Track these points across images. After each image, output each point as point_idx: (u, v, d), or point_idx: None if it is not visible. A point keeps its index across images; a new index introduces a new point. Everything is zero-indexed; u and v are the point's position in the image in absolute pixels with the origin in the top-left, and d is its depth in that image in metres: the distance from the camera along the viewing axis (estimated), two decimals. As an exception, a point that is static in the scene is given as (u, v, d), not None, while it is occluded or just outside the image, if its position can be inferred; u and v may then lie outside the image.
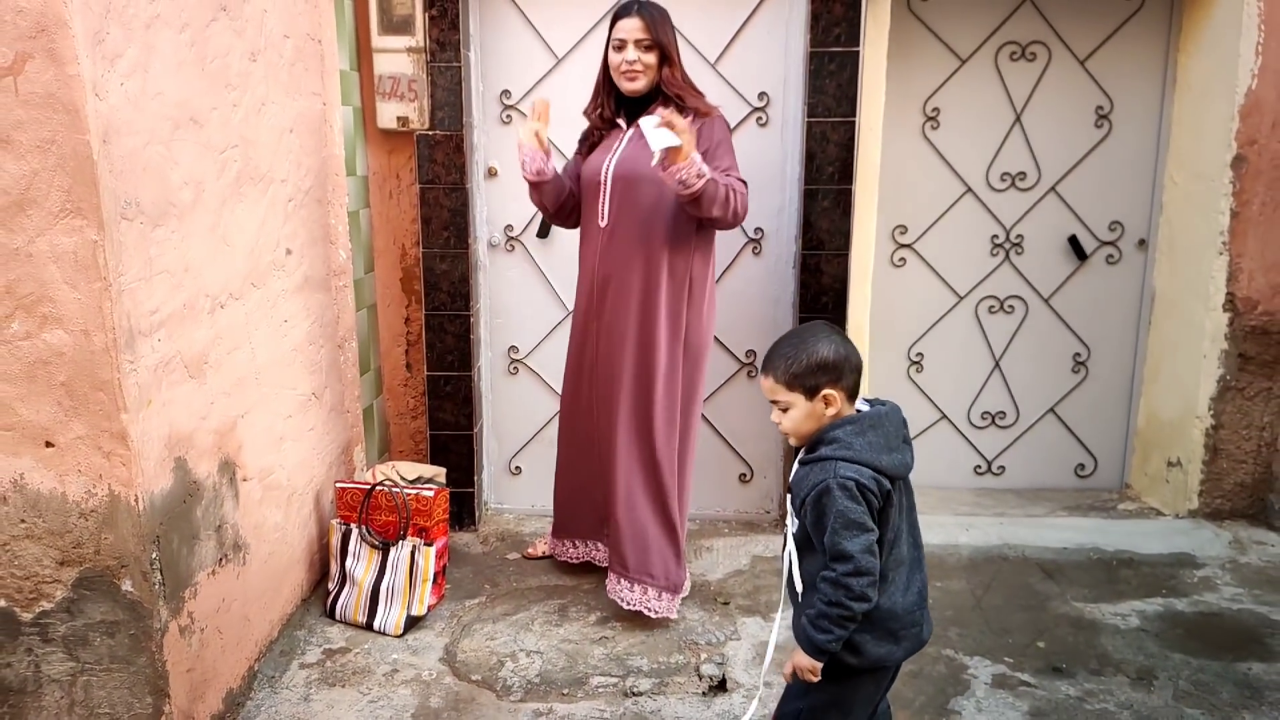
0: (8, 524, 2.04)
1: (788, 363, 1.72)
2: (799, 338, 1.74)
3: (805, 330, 1.77)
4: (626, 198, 2.68)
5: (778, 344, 1.76)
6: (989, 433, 3.73)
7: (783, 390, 1.73)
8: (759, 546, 3.31)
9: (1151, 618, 2.79)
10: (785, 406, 1.73)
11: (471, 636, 2.75)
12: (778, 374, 1.73)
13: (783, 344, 1.75)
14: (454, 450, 3.40)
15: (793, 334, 1.78)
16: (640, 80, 2.66)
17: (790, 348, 1.73)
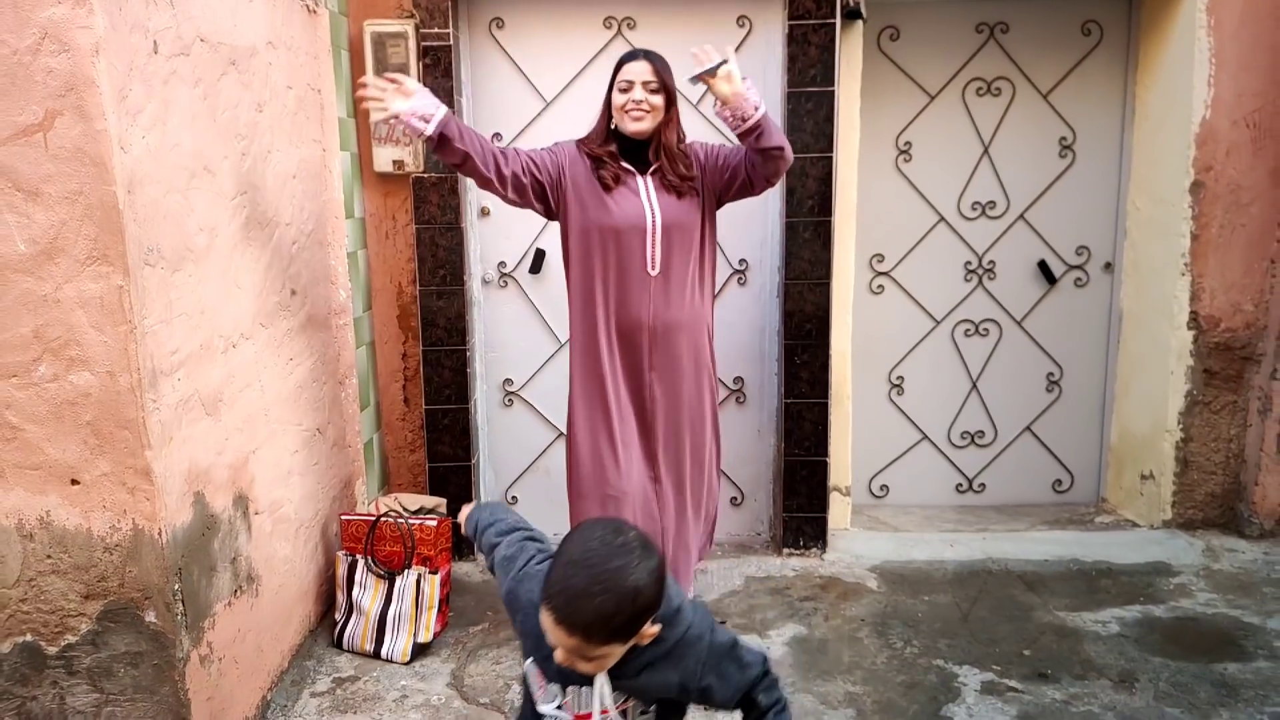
0: (34, 560, 2.11)
1: (604, 620, 1.36)
2: (601, 581, 1.36)
3: (600, 564, 1.37)
4: (675, 245, 2.73)
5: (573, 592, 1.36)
6: (969, 451, 3.86)
7: (596, 648, 1.38)
8: (751, 567, 3.41)
9: (1131, 624, 2.91)
10: (600, 654, 1.40)
11: (477, 661, 2.83)
12: (592, 634, 1.37)
13: (584, 592, 1.36)
14: (452, 481, 3.48)
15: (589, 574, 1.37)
16: (645, 121, 2.68)
17: (594, 594, 1.35)
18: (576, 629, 1.35)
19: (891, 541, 3.55)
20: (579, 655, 1.39)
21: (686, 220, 2.74)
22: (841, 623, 3.01)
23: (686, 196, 2.74)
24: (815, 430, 3.41)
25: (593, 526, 1.44)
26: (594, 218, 2.72)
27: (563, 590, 1.36)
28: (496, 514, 1.85)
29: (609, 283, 2.76)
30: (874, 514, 3.79)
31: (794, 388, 3.39)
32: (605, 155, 2.73)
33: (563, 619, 1.35)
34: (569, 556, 1.39)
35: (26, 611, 2.13)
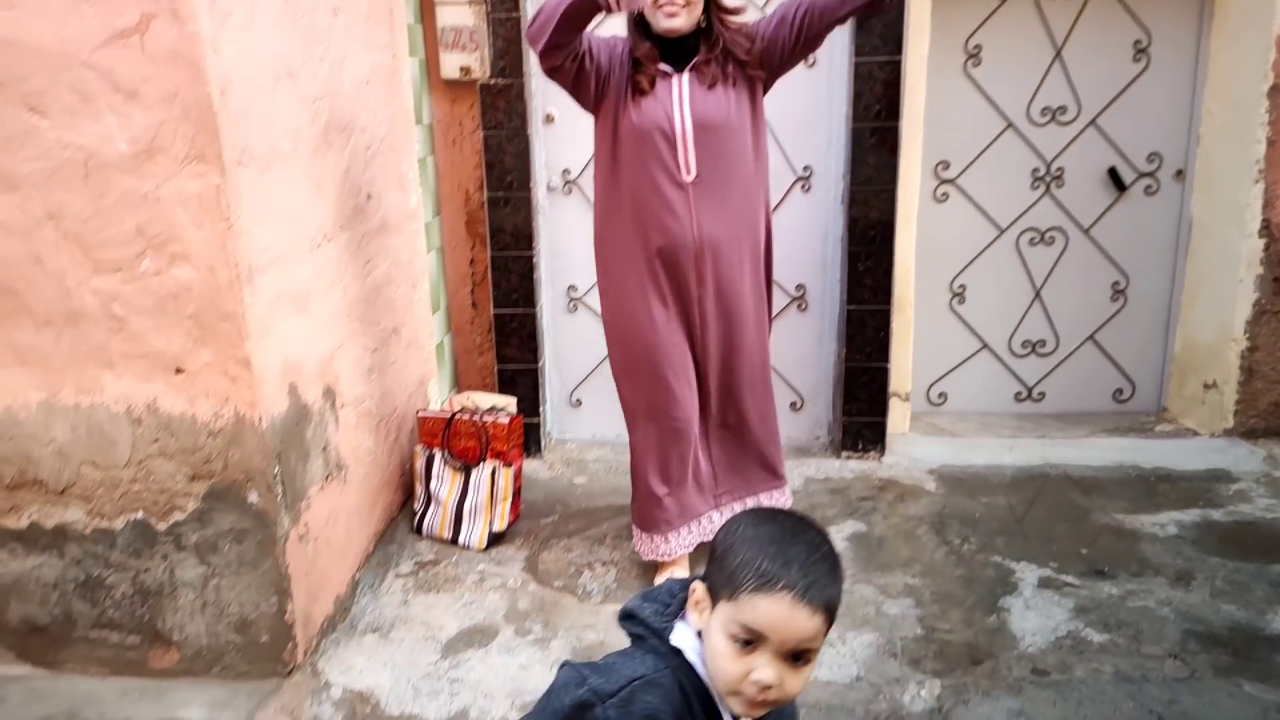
0: (143, 444, 2.26)
1: (837, 588, 1.16)
2: (811, 543, 1.16)
3: (798, 528, 1.18)
4: (711, 148, 2.47)
5: (797, 560, 1.13)
6: (1029, 360, 3.87)
7: (821, 636, 1.15)
8: (810, 469, 3.50)
9: (1189, 526, 2.96)
10: (810, 657, 1.15)
11: (549, 550, 2.98)
12: (833, 605, 1.15)
13: (808, 559, 1.14)
14: (520, 383, 3.60)
15: (798, 538, 1.16)
16: (680, 18, 2.41)
17: (823, 561, 1.15)
18: (820, 600, 1.12)
19: (949, 446, 3.61)
20: (806, 648, 1.13)
21: (728, 118, 2.48)
22: (900, 521, 3.10)
23: (731, 90, 2.49)
24: (877, 337, 3.45)
25: (748, 515, 1.22)
26: (626, 121, 2.49)
27: (784, 563, 1.12)
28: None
29: (637, 191, 2.51)
30: (932, 420, 3.84)
31: (856, 294, 3.42)
32: (642, 56, 2.48)
33: (804, 594, 1.10)
34: (757, 539, 1.15)
35: (137, 491, 2.29)
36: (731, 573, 1.15)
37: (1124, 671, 2.29)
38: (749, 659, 1.13)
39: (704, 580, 1.21)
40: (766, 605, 1.11)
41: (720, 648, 1.15)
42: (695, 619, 1.21)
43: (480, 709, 2.28)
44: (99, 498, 2.30)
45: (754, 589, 1.12)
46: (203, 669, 2.40)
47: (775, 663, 1.13)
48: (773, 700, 1.14)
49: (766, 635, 1.12)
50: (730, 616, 1.14)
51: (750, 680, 1.13)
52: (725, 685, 1.16)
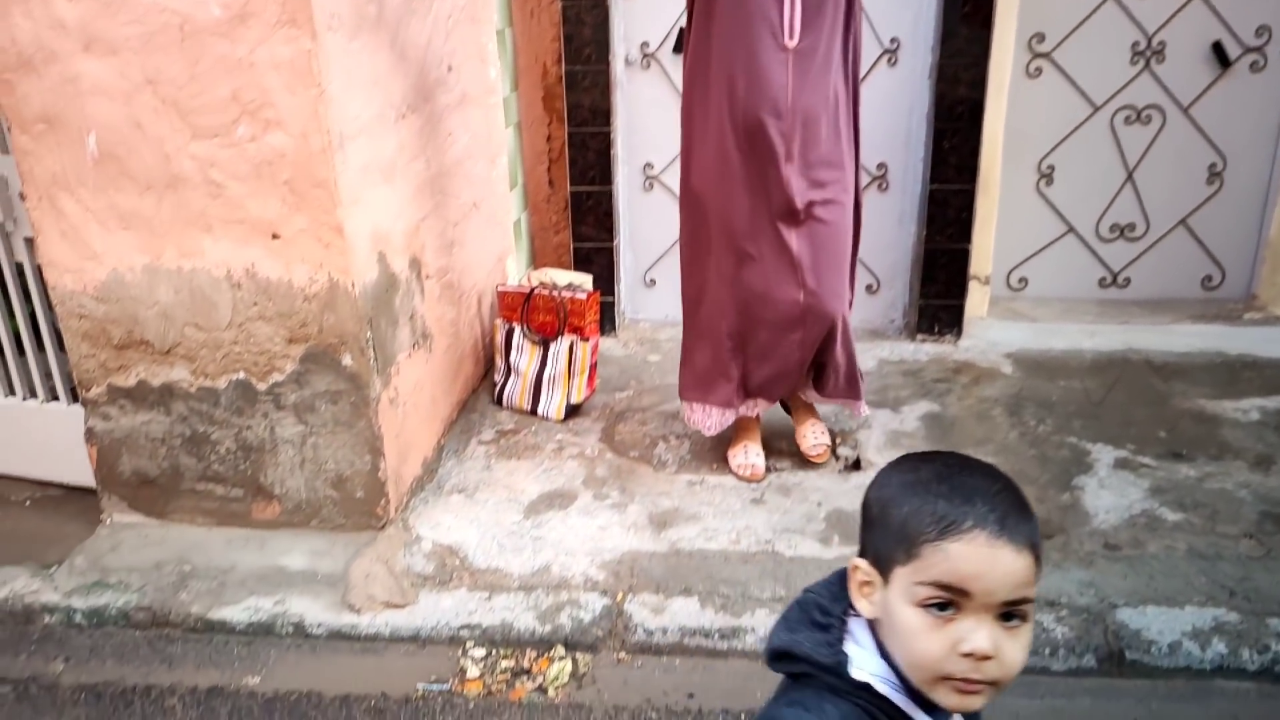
0: (243, 307, 2.36)
1: (1034, 522, 0.95)
2: (987, 474, 0.98)
3: (964, 461, 1.00)
4: (815, 11, 2.33)
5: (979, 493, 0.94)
6: (1116, 245, 3.77)
7: (1034, 583, 0.94)
8: (885, 351, 3.50)
9: (1272, 413, 2.92)
10: (1026, 615, 0.94)
11: (625, 422, 3.06)
12: (1036, 541, 0.94)
13: (990, 490, 0.95)
14: (595, 262, 3.63)
15: (969, 471, 0.98)
16: None
17: (1008, 491, 0.96)
18: (1021, 534, 0.92)
19: (1028, 330, 3.57)
20: (1019, 600, 0.92)
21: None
22: (974, 402, 3.10)
23: None
24: (959, 218, 3.39)
25: (895, 463, 1.04)
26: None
27: (964, 498, 0.93)
28: None
29: (737, 59, 2.35)
30: (1011, 305, 3.79)
31: (940, 173, 3.35)
32: None
33: (1000, 528, 0.91)
34: (919, 482, 0.97)
35: (238, 352, 2.41)
36: (901, 528, 0.94)
37: (1197, 549, 2.31)
38: (951, 629, 0.91)
39: (862, 555, 1.01)
40: (959, 551, 0.90)
41: (910, 623, 0.93)
42: (865, 606, 0.99)
43: (561, 565, 2.39)
44: (202, 358, 2.42)
45: (937, 536, 0.91)
46: (302, 521, 2.55)
47: (986, 624, 0.90)
48: (992, 678, 0.91)
49: (968, 589, 0.90)
50: (914, 580, 0.93)
51: (959, 654, 0.90)
52: (927, 670, 0.92)
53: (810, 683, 1.02)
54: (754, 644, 2.17)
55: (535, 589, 2.33)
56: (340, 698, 2.07)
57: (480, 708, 2.04)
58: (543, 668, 2.15)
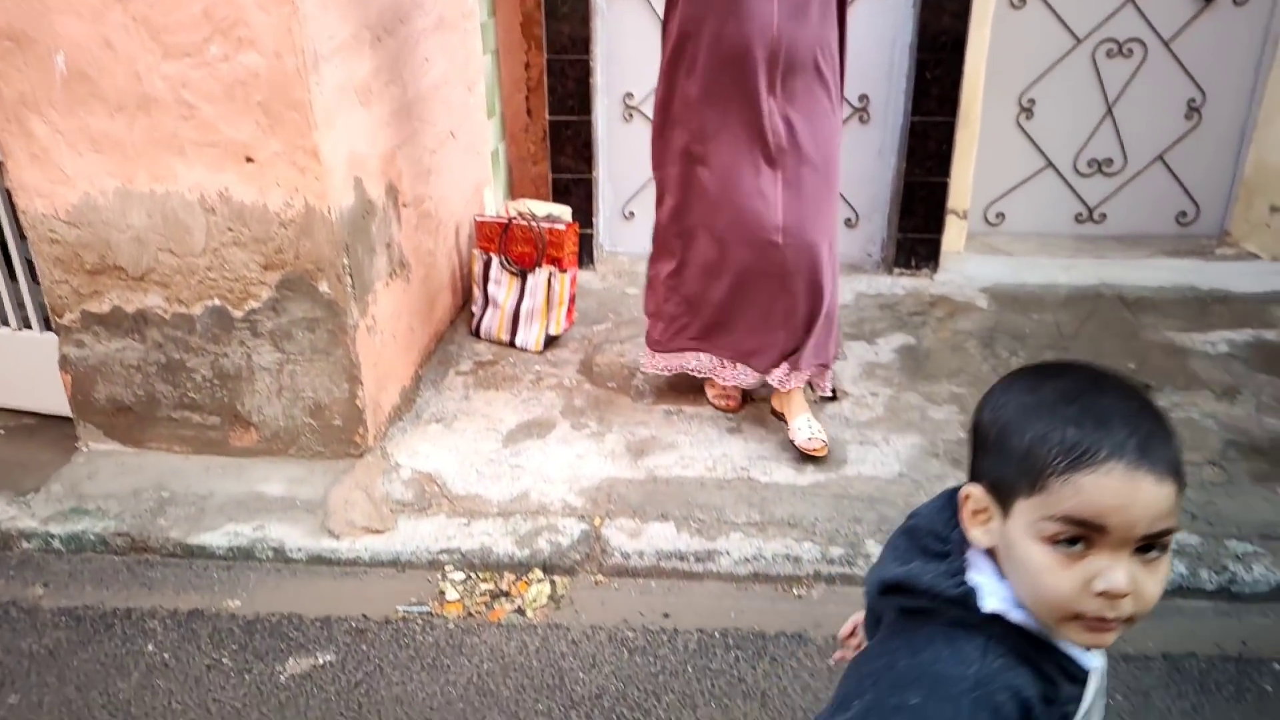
0: (217, 232, 2.33)
1: (1175, 443, 0.83)
2: (1122, 392, 0.85)
3: (1096, 377, 0.87)
4: None
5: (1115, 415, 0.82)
6: (1094, 180, 3.79)
7: (1177, 511, 0.83)
8: (862, 285, 3.52)
9: (1240, 346, 2.97)
10: (1167, 545, 0.84)
11: (603, 353, 3.07)
12: (1179, 466, 0.83)
13: (1128, 411, 0.83)
14: (574, 194, 3.60)
15: (1103, 389, 0.85)
16: None
17: (1146, 410, 0.84)
18: (1163, 459, 0.80)
19: (1004, 265, 3.59)
20: (1159, 532, 0.81)
21: None
22: (949, 335, 3.13)
23: None
24: (939, 150, 3.39)
25: (1014, 377, 0.91)
26: None
27: (1097, 423, 0.81)
28: None
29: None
30: (988, 240, 3.81)
31: (922, 105, 3.33)
32: None
33: (1140, 456, 0.79)
34: (1044, 403, 0.85)
35: (213, 279, 2.38)
36: (1024, 457, 0.83)
37: (1162, 475, 2.36)
38: (1083, 566, 0.82)
39: (976, 480, 0.90)
40: (1093, 485, 0.80)
41: (1035, 560, 0.83)
42: (979, 536, 0.90)
43: (539, 491, 2.42)
44: (176, 284, 2.40)
45: (1067, 468, 0.81)
46: (280, 449, 2.56)
47: (1122, 560, 0.81)
48: (1127, 616, 0.82)
49: (1104, 525, 0.80)
50: (1041, 514, 0.83)
51: (1092, 593, 0.81)
52: (1056, 609, 0.84)
53: (930, 619, 0.91)
54: (729, 566, 2.21)
55: (514, 515, 2.35)
56: (321, 619, 2.10)
57: (460, 628, 2.07)
58: (521, 590, 2.19)
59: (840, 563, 2.21)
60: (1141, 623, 0.84)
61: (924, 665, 0.88)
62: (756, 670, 1.95)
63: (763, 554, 2.23)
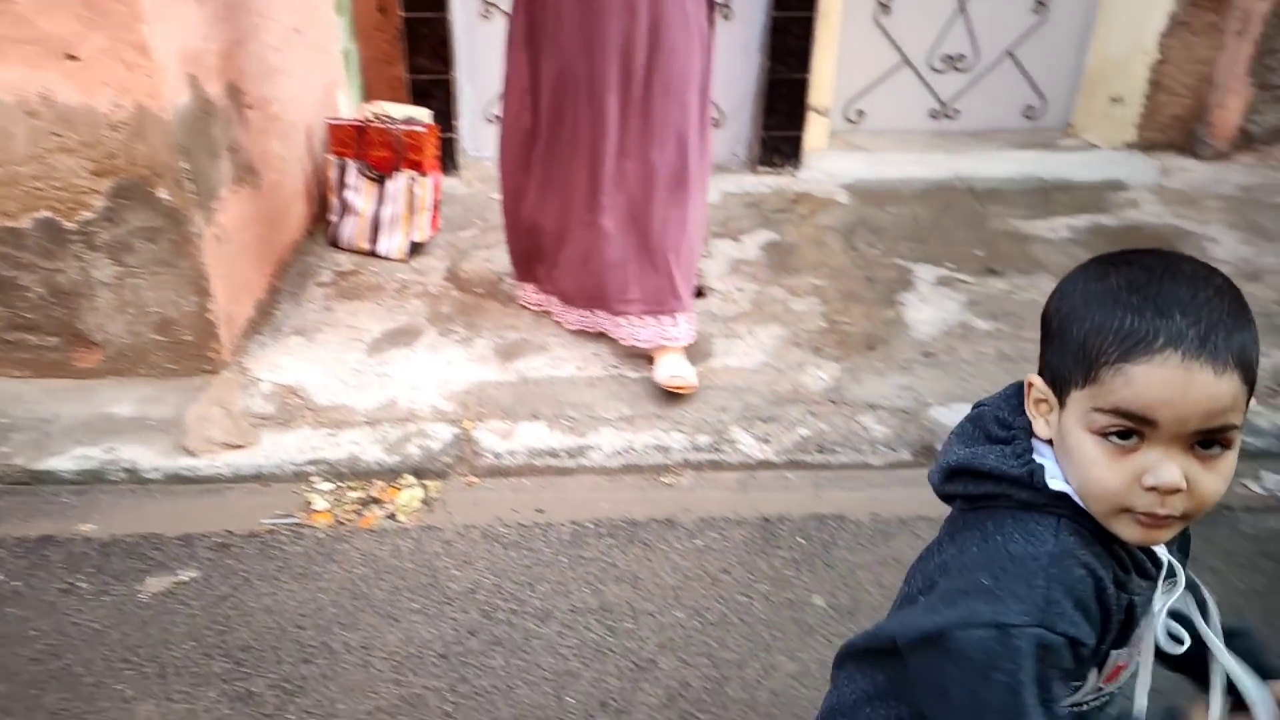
0: (40, 137, 2.17)
1: (1247, 332, 0.78)
2: (1195, 278, 0.80)
3: (1169, 263, 0.82)
4: None
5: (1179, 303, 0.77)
6: (948, 76, 3.88)
7: (1240, 407, 0.79)
8: (728, 185, 3.54)
9: (1080, 230, 3.14)
10: (1229, 441, 0.80)
11: (470, 260, 3.02)
12: (1247, 356, 0.78)
13: (1195, 299, 0.78)
14: (433, 96, 3.47)
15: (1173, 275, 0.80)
16: None
17: (1218, 297, 0.79)
18: (1227, 351, 0.76)
19: (864, 161, 3.67)
20: (1219, 427, 0.77)
21: None
22: (811, 230, 3.20)
23: None
24: (800, 47, 3.40)
25: (1086, 266, 0.87)
26: None
27: (1157, 310, 0.77)
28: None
29: None
30: (849, 138, 3.88)
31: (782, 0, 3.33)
32: None
33: (1200, 346, 0.75)
34: (1108, 291, 0.80)
35: (40, 189, 2.22)
36: (1080, 346, 0.80)
37: (1004, 352, 2.51)
38: (1133, 459, 0.79)
39: (1041, 373, 0.88)
40: (1144, 375, 0.76)
41: (1087, 452, 0.81)
42: (1040, 426, 0.88)
43: (408, 399, 2.39)
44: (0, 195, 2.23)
45: (1120, 357, 0.77)
46: (128, 368, 2.44)
47: (1175, 455, 0.78)
48: (1181, 514, 0.79)
49: (1154, 418, 0.77)
50: (1092, 405, 0.80)
51: (1142, 488, 0.78)
52: (1106, 503, 0.81)
53: (996, 505, 0.89)
54: (601, 460, 2.25)
55: (381, 423, 2.32)
56: (181, 538, 2.05)
57: (330, 536, 2.05)
58: (392, 496, 2.17)
59: (708, 449, 2.27)
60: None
61: (996, 548, 0.86)
62: (628, 555, 2.01)
63: (633, 446, 2.27)
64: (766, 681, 1.73)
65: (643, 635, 1.82)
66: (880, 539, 2.04)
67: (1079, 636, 0.82)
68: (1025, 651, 0.81)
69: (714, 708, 1.68)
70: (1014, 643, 0.81)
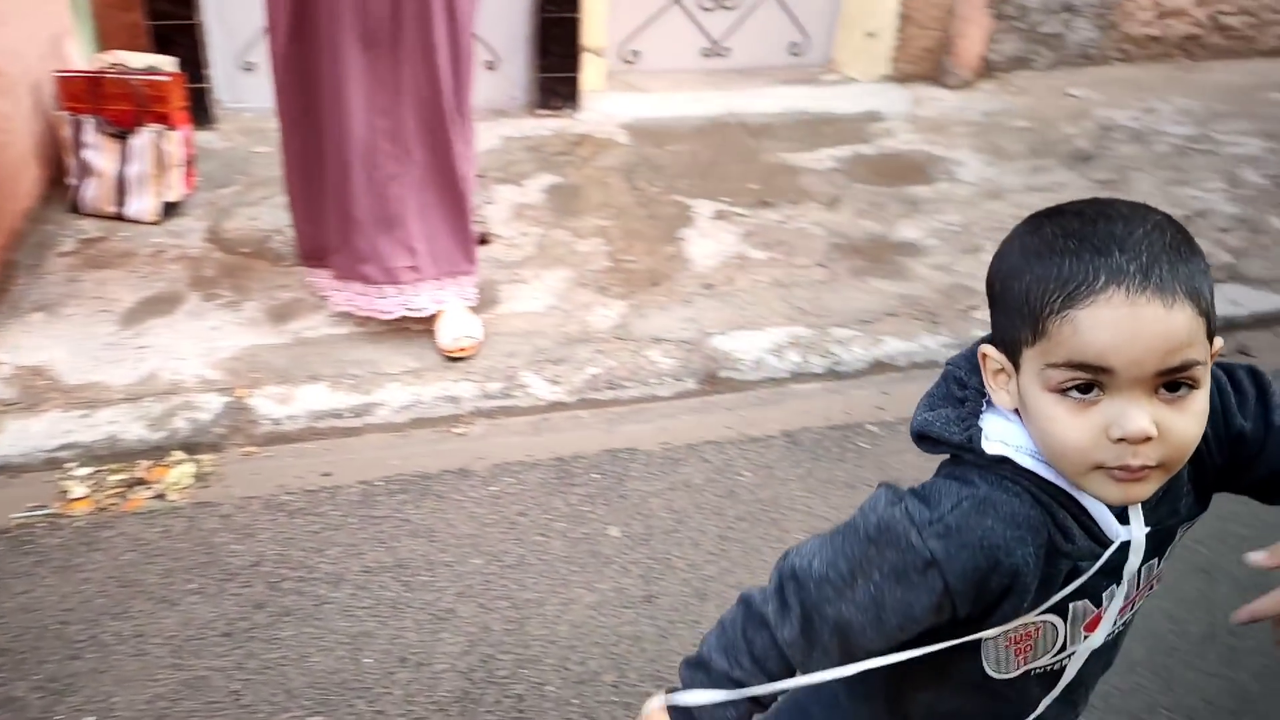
0: None
1: (1194, 263, 0.75)
2: (1132, 216, 0.76)
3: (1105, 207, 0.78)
4: None
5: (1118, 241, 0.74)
6: (716, 15, 3.95)
7: (1199, 341, 0.75)
8: (507, 129, 3.48)
9: (842, 160, 3.30)
10: (1195, 380, 0.76)
11: (233, 218, 2.83)
12: (1196, 287, 0.74)
13: (1132, 234, 0.74)
14: (179, 43, 3.20)
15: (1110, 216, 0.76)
16: None
17: (1158, 231, 0.75)
18: (1175, 282, 0.72)
19: (641, 101, 3.70)
20: (1181, 365, 0.73)
21: None
22: (593, 172, 3.21)
23: None
24: (568, -15, 3.37)
25: (1023, 223, 0.82)
26: None
27: (1096, 249, 0.73)
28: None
29: None
30: (626, 79, 3.89)
31: (544, -63, 3.27)
32: None
33: (1144, 278, 0.71)
34: (1043, 240, 0.77)
35: None
36: (1022, 301, 0.76)
37: (779, 279, 2.62)
38: (1097, 412, 0.74)
39: (991, 340, 0.84)
40: (1090, 318, 0.72)
41: (1048, 412, 0.77)
42: (1002, 398, 0.83)
43: (171, 370, 2.24)
44: None
45: (1064, 304, 0.73)
46: None
47: (1140, 401, 0.73)
48: (1157, 460, 0.75)
49: (1109, 364, 0.73)
50: (1045, 361, 0.76)
51: (1110, 441, 0.74)
52: (1076, 463, 0.77)
53: (960, 461, 0.86)
54: (388, 416, 2.19)
55: (143, 398, 2.16)
56: (-85, 542, 1.84)
57: (91, 524, 1.90)
58: (160, 475, 2.03)
59: (499, 396, 2.26)
60: (764, 409, 0.86)
61: (935, 482, 0.86)
62: (422, 509, 1.97)
63: (421, 399, 2.22)
64: (566, 615, 1.76)
65: (440, 586, 1.80)
66: (670, 466, 2.10)
67: (949, 576, 0.80)
68: (882, 519, 0.82)
69: (515, 647, 1.69)
70: (888, 507, 0.83)
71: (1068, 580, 0.82)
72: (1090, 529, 0.82)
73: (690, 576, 1.84)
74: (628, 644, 1.71)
